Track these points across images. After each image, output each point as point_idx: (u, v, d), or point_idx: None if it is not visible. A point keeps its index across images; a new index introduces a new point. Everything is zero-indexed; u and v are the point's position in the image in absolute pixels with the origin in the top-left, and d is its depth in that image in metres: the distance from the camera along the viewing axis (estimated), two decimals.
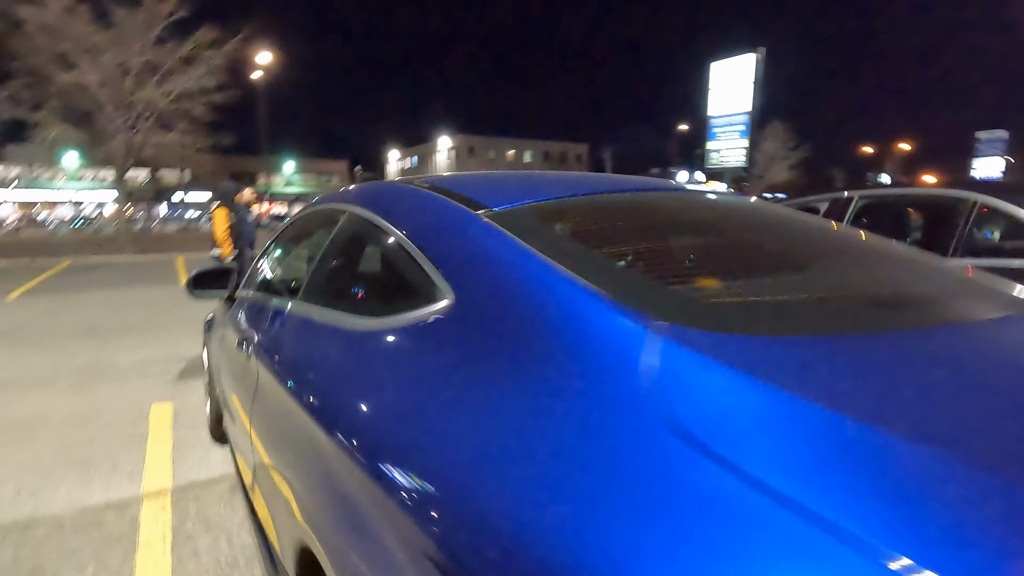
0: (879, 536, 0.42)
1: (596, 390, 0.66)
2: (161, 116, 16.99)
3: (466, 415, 0.76)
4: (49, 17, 14.60)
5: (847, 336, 0.81)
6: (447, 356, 0.89)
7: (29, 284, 10.02)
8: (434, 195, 1.27)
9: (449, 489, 0.68)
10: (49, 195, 53.87)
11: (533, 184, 1.51)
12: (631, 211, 1.37)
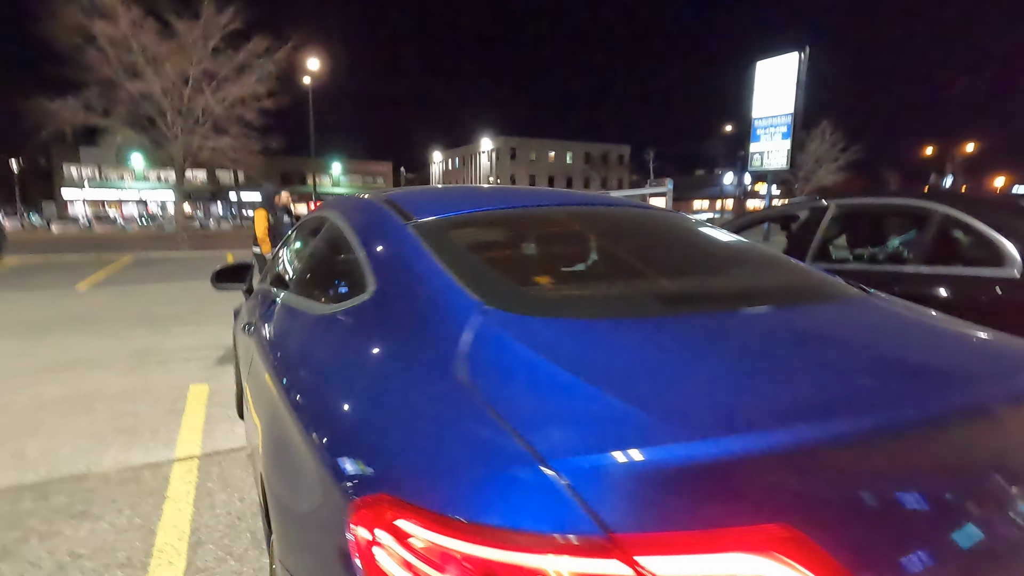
0: (545, 442, 0.68)
1: (437, 349, 0.94)
2: (216, 121, 18.11)
3: (363, 368, 1.05)
4: (119, 31, 15.85)
5: (630, 319, 1.06)
6: (364, 331, 1.18)
7: (97, 276, 10.96)
8: (382, 207, 1.57)
9: (336, 405, 0.98)
10: (118, 194, 57.51)
11: (464, 199, 1.79)
12: (518, 222, 1.67)
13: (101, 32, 15.91)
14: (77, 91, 16.43)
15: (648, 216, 1.90)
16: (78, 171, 55.12)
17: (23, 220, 42.66)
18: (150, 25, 16.24)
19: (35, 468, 2.83)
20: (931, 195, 2.89)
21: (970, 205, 2.68)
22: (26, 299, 8.19)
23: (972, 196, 3.00)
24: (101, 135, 17.73)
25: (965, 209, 2.66)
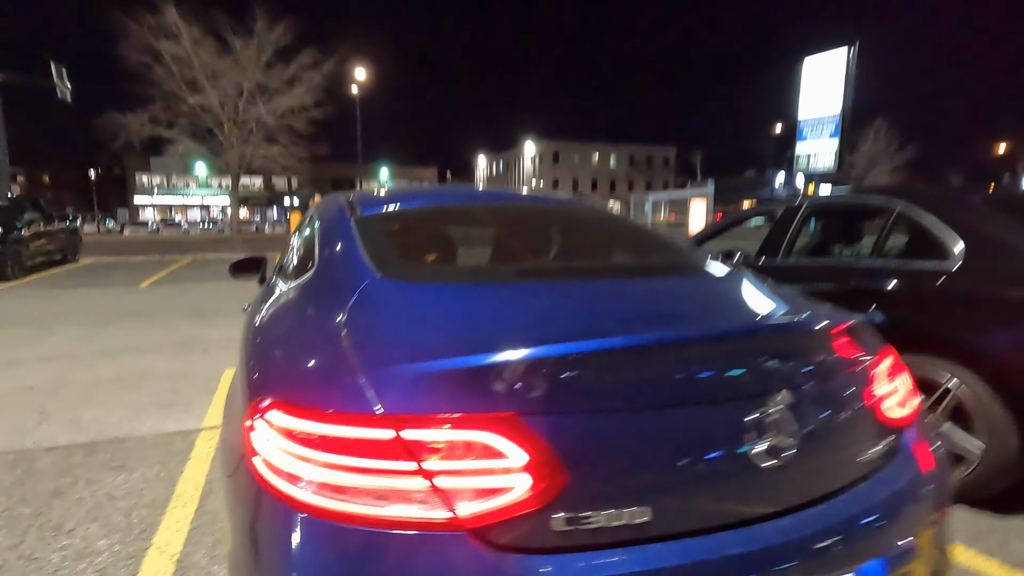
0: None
1: (334, 304, 1.25)
2: (268, 131, 19.27)
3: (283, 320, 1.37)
4: (182, 49, 17.16)
5: (477, 284, 1.35)
6: (298, 297, 1.49)
7: (158, 275, 11.94)
8: (343, 205, 1.90)
9: (258, 346, 1.30)
10: (183, 200, 61.15)
11: (406, 198, 2.10)
12: (438, 215, 2.03)
13: (166, 50, 17.27)
14: (145, 105, 17.87)
15: (562, 210, 2.21)
16: (148, 179, 59.09)
17: (99, 225, 46.07)
18: (209, 43, 17.50)
19: (87, 431, 3.32)
20: (889, 190, 2.99)
21: (924, 200, 2.77)
22: (96, 295, 9.08)
23: (929, 190, 3.04)
24: (166, 145, 19.17)
25: (919, 204, 2.76)
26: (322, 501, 0.85)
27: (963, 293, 2.42)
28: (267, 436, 0.95)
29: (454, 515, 0.83)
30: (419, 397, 0.88)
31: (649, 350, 0.95)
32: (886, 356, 1.28)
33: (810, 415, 1.03)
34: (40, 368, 4.67)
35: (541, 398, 0.88)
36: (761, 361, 1.05)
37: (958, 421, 2.37)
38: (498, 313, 1.15)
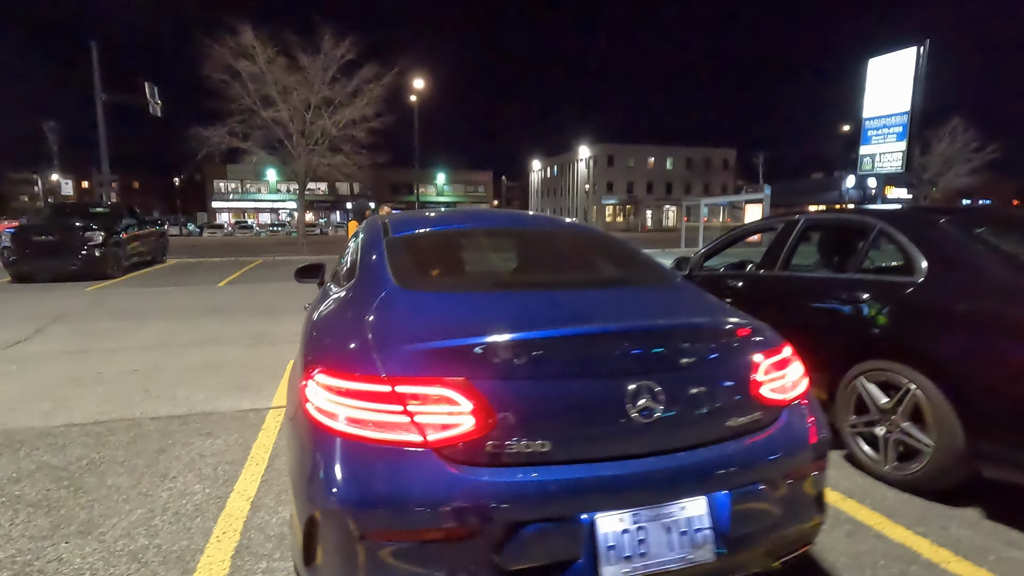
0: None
1: (364, 304, 1.77)
2: (332, 141, 20.58)
3: (332, 315, 1.90)
4: (257, 67, 18.66)
5: (469, 293, 1.83)
6: (344, 298, 2.02)
7: (233, 275, 13.16)
8: (379, 227, 2.44)
9: (311, 331, 1.84)
10: (255, 205, 65.06)
11: (427, 221, 2.62)
12: (451, 237, 2.53)
13: (243, 69, 18.84)
14: (224, 120, 19.54)
15: (554, 231, 2.69)
16: (224, 185, 63.38)
17: (181, 228, 49.91)
18: (281, 61, 18.93)
19: (181, 406, 4.05)
20: (870, 211, 3.26)
21: (897, 220, 3.02)
22: (181, 292, 10.24)
23: (903, 211, 3.27)
24: (241, 155, 20.83)
25: (893, 224, 3.02)
26: (346, 429, 1.36)
27: (921, 306, 2.69)
28: (315, 391, 1.46)
29: (424, 439, 1.32)
30: (407, 366, 1.38)
31: (560, 339, 1.41)
32: (774, 354, 1.66)
33: (681, 390, 1.46)
34: (140, 354, 5.55)
35: (484, 369, 1.36)
36: (644, 349, 1.48)
37: (916, 421, 2.64)
38: (466, 313, 1.64)
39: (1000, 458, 2.38)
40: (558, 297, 1.86)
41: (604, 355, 1.44)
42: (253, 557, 2.19)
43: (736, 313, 1.82)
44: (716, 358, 1.58)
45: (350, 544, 1.28)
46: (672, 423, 1.43)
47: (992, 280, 2.53)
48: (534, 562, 1.30)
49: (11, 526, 2.41)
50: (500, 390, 1.35)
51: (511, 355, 1.38)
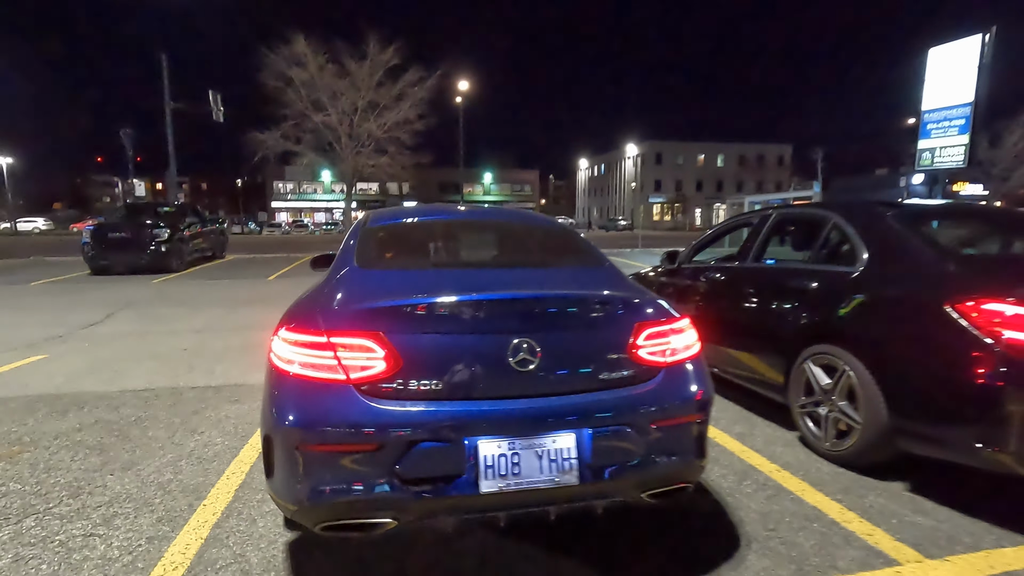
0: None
1: (334, 277, 2.20)
2: (377, 143, 21.52)
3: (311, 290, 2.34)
4: (309, 74, 19.78)
5: (413, 270, 2.23)
6: (323, 276, 2.46)
7: (283, 270, 14.11)
8: (365, 218, 2.87)
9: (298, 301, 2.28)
10: (310, 205, 67.90)
11: (399, 214, 3.03)
12: (413, 226, 2.94)
13: (296, 76, 20.00)
14: (278, 124, 20.80)
15: (516, 223, 3.05)
16: (283, 186, 66.54)
17: (243, 227, 52.85)
18: (330, 68, 19.96)
19: (218, 379, 4.64)
20: (827, 205, 3.44)
21: (848, 213, 3.19)
22: (234, 285, 11.16)
23: (855, 204, 3.41)
24: (294, 158, 22.08)
25: (844, 216, 3.19)
26: (294, 369, 1.78)
27: (857, 294, 2.88)
28: (278, 343, 1.89)
29: (348, 378, 1.72)
30: (338, 323, 1.78)
31: (457, 303, 1.78)
32: (656, 324, 1.96)
33: (557, 347, 1.79)
34: (190, 336, 6.26)
35: (394, 325, 1.75)
36: (528, 313, 1.83)
37: (851, 400, 2.83)
38: (393, 284, 2.05)
39: (916, 433, 2.56)
40: (479, 273, 2.23)
41: (493, 317, 1.80)
42: (252, 491, 2.66)
43: (633, 291, 2.13)
44: (595, 324, 1.90)
45: (292, 455, 1.70)
46: (547, 373, 1.77)
47: (916, 270, 2.70)
48: (427, 474, 1.68)
49: (72, 461, 2.99)
50: (406, 342, 1.73)
51: (416, 315, 1.77)
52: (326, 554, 2.16)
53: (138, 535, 2.28)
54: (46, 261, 16.17)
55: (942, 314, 2.42)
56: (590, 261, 2.54)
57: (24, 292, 9.93)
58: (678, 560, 2.12)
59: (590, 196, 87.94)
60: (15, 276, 12.39)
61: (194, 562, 2.10)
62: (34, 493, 2.64)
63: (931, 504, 2.52)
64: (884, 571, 2.04)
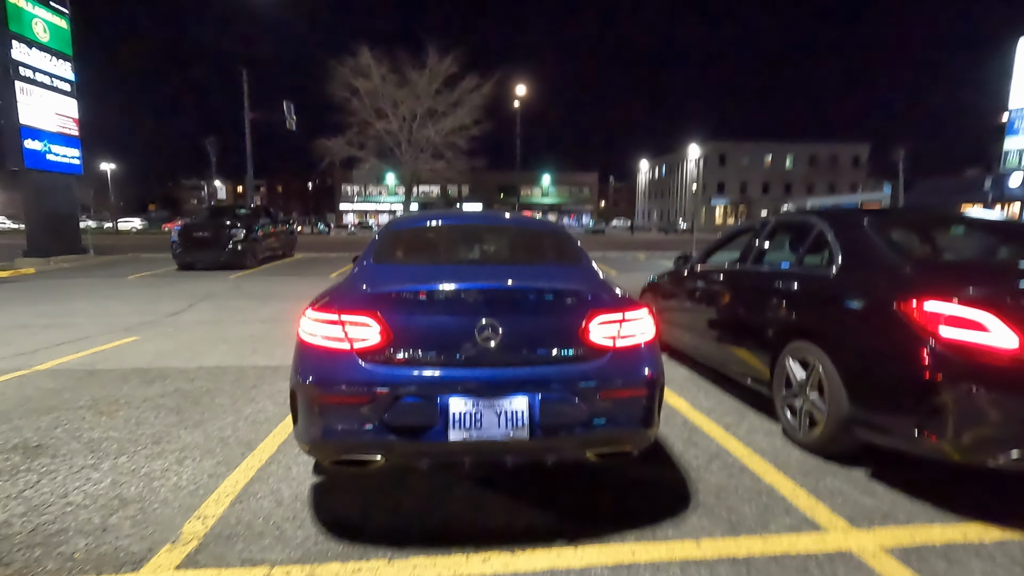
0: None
1: (358, 271, 2.72)
2: (435, 148, 22.48)
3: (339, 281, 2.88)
4: (372, 84, 20.97)
5: (421, 266, 2.75)
6: (356, 265, 2.99)
7: (344, 268, 15.13)
8: (390, 220, 3.40)
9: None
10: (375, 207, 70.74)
11: (416, 218, 3.52)
12: (426, 229, 3.41)
13: (361, 86, 21.24)
14: (344, 131, 22.18)
15: (514, 226, 3.48)
16: (350, 189, 69.76)
17: (312, 228, 55.92)
18: (392, 77, 21.07)
19: (276, 361, 5.33)
20: (814, 212, 3.65)
21: (830, 220, 3.40)
22: (299, 281, 12.17)
23: (837, 212, 3.57)
24: (358, 163, 23.41)
25: (828, 223, 3.39)
26: (314, 340, 2.29)
27: (829, 295, 3.11)
28: (305, 321, 2.40)
29: (351, 347, 2.21)
30: (347, 305, 2.28)
31: (437, 291, 2.24)
32: (609, 313, 2.33)
33: (517, 328, 2.21)
34: (257, 325, 7.08)
35: (388, 307, 2.23)
36: (494, 300, 2.26)
37: (821, 393, 3.06)
38: (392, 276, 2.52)
39: (869, 423, 2.77)
40: (462, 269, 2.68)
41: (465, 302, 2.24)
42: (291, 447, 3.23)
43: (592, 285, 2.51)
44: (550, 310, 2.31)
45: (310, 405, 2.21)
46: (507, 348, 2.19)
47: (875, 274, 2.91)
48: (407, 423, 2.14)
49: (155, 418, 3.69)
50: (396, 321, 2.21)
51: (404, 300, 2.24)
52: (341, 493, 2.67)
53: (201, 472, 2.89)
54: (141, 258, 18.06)
55: (891, 313, 2.63)
56: (568, 260, 2.94)
57: (123, 284, 11.31)
58: (628, 514, 2.47)
59: (650, 198, 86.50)
60: (116, 270, 14.02)
61: (241, 492, 2.67)
62: (127, 439, 3.32)
63: (883, 488, 2.73)
64: (809, 535, 2.31)
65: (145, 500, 2.60)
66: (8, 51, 13.39)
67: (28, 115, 14.03)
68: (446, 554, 2.18)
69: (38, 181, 14.55)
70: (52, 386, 4.39)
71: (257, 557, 2.16)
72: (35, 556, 2.15)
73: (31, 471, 2.88)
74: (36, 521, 2.40)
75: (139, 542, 2.26)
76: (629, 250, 24.47)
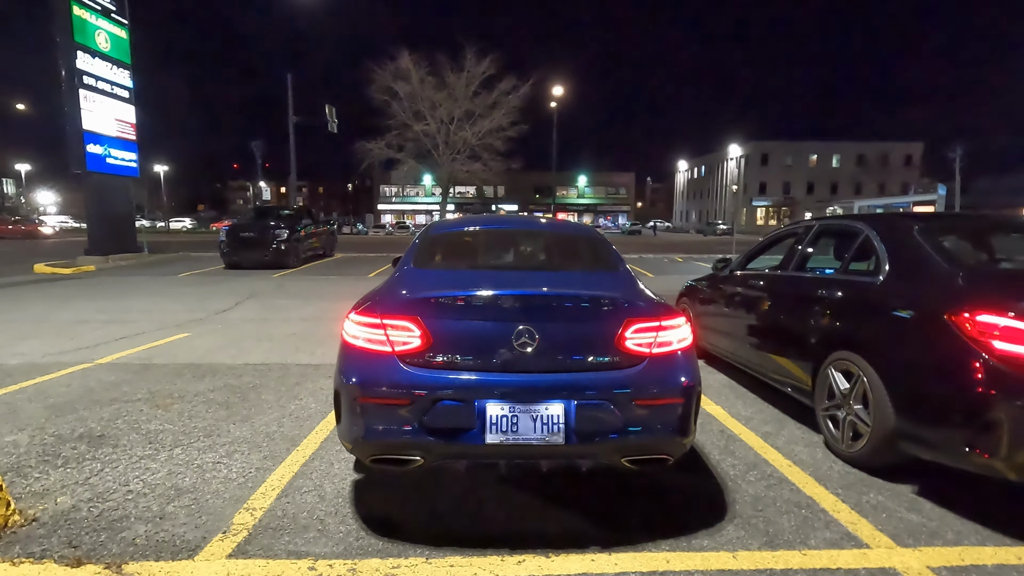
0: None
1: (398, 275, 2.81)
2: (472, 149, 22.70)
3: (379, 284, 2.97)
4: (411, 87, 21.34)
5: (461, 271, 2.82)
6: (396, 270, 3.09)
7: (382, 268, 15.42)
8: (428, 225, 3.48)
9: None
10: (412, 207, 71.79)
11: (454, 223, 3.58)
12: (462, 233, 3.50)
13: (400, 89, 21.65)
14: (383, 134, 22.64)
15: (549, 231, 3.51)
16: (388, 190, 71.01)
17: (352, 228, 57.19)
18: (430, 80, 21.39)
19: (317, 359, 5.51)
20: (860, 217, 3.54)
21: (877, 225, 3.29)
22: (339, 280, 12.50)
23: (885, 217, 3.42)
24: (396, 164, 23.85)
25: (875, 229, 3.28)
26: (357, 343, 2.37)
27: (876, 303, 3.01)
28: (348, 324, 2.49)
29: (392, 350, 2.28)
30: (389, 310, 2.36)
31: (476, 296, 2.29)
32: (645, 321, 2.34)
33: (554, 335, 2.24)
34: (300, 323, 7.32)
35: (428, 312, 2.29)
36: (531, 307, 2.29)
37: (865, 404, 2.98)
38: (432, 280, 2.59)
39: (916, 437, 2.68)
40: (500, 274, 2.73)
41: (502, 308, 2.28)
42: (334, 444, 3.34)
43: (629, 293, 2.51)
44: (586, 317, 2.33)
45: (352, 405, 2.30)
46: (543, 354, 2.23)
47: (926, 282, 2.81)
48: (446, 425, 2.20)
49: (206, 412, 3.87)
50: (437, 325, 2.27)
51: (445, 305, 2.30)
52: (380, 490, 2.76)
53: (250, 466, 3.03)
54: (191, 256, 18.86)
55: (941, 324, 2.54)
56: (605, 265, 2.96)
57: (174, 282, 11.85)
58: (662, 522, 2.47)
59: (689, 199, 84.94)
60: (168, 268, 14.70)
61: (287, 486, 2.79)
62: (181, 432, 3.51)
63: (930, 505, 2.64)
64: (851, 551, 2.26)
65: (198, 490, 2.74)
66: (74, 61, 14.21)
67: (90, 121, 14.84)
68: (481, 555, 2.23)
69: (98, 183, 15.37)
70: (112, 379, 4.66)
71: (302, 550, 2.26)
72: (100, 540, 2.30)
73: (96, 459, 3.08)
74: (101, 507, 2.57)
75: (193, 530, 2.39)
76: (664, 252, 24.10)
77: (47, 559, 2.17)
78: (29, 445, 3.26)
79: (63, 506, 2.57)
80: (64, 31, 14.08)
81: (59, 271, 13.53)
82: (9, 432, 3.46)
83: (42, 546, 2.25)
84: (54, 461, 3.05)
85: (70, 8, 14.03)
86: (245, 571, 2.11)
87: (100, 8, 15.10)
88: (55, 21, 14.11)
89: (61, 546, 2.25)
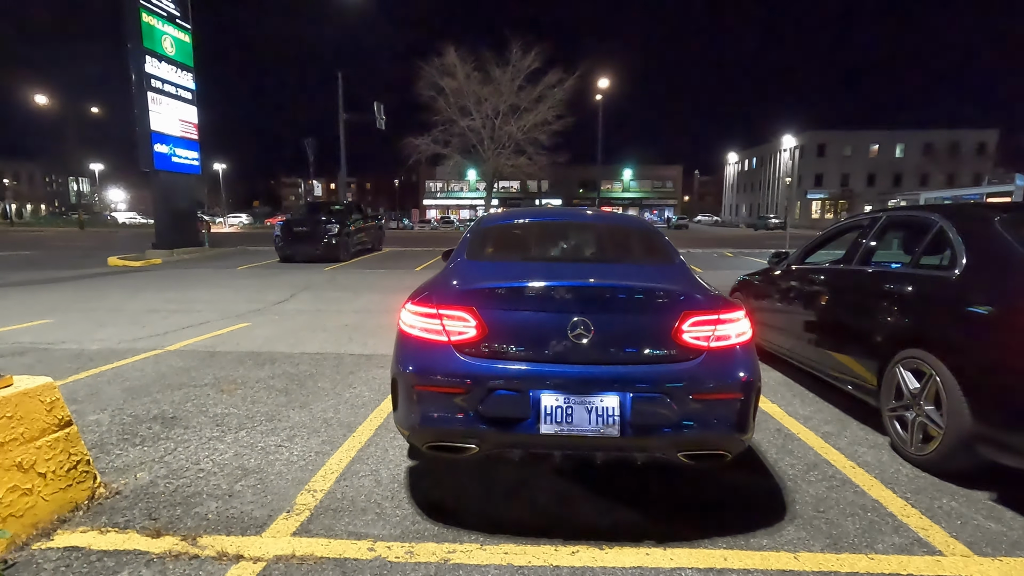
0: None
1: (452, 266, 2.86)
2: (517, 144, 22.70)
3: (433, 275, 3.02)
4: (457, 83, 21.51)
5: (514, 262, 2.84)
6: (450, 261, 3.13)
7: (428, 263, 15.70)
8: (479, 218, 3.51)
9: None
10: (457, 202, 72.51)
11: (506, 215, 3.59)
12: (514, 225, 3.48)
13: (446, 85, 21.86)
14: (429, 130, 22.95)
15: (600, 223, 3.47)
16: (434, 185, 71.94)
17: (398, 223, 58.31)
18: (476, 75, 21.50)
19: (369, 349, 5.67)
20: (933, 208, 3.31)
21: (953, 217, 3.07)
22: (387, 274, 12.79)
23: (962, 208, 3.17)
24: (442, 159, 24.14)
25: (950, 220, 3.08)
26: (414, 332, 2.42)
27: (951, 299, 2.84)
28: (405, 314, 2.55)
29: (449, 340, 2.32)
30: (445, 300, 2.39)
31: (531, 287, 2.29)
32: (703, 314, 2.29)
33: (609, 326, 2.22)
34: (352, 315, 7.54)
35: (484, 302, 2.31)
36: (586, 298, 2.28)
37: (937, 406, 2.82)
38: (487, 272, 2.60)
39: (997, 442, 2.52)
40: (554, 266, 2.73)
41: (557, 300, 2.28)
42: (388, 431, 3.43)
43: (686, 285, 2.46)
44: (642, 309, 2.30)
45: (409, 393, 2.35)
46: (598, 346, 2.21)
47: (1008, 278, 2.62)
48: (501, 414, 2.22)
49: (267, 398, 4.05)
50: (492, 316, 2.29)
51: (500, 296, 2.32)
52: (434, 477, 2.82)
53: (309, 450, 3.15)
54: (248, 250, 19.70)
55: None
56: (660, 258, 2.91)
57: (233, 275, 12.41)
58: (718, 519, 2.42)
59: (739, 192, 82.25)
60: (227, 262, 15.40)
61: (344, 470, 2.88)
62: (245, 416, 3.68)
63: (1011, 514, 2.48)
64: (922, 558, 2.15)
65: (263, 471, 2.88)
66: (143, 65, 15.05)
67: (157, 122, 15.70)
68: (535, 544, 2.24)
69: (164, 181, 16.25)
70: (181, 365, 4.93)
71: (361, 531, 2.34)
72: (176, 514, 2.45)
73: (169, 439, 3.28)
74: (176, 483, 2.74)
75: (260, 508, 2.51)
76: (713, 247, 23.47)
77: (130, 529, 2.33)
78: (110, 424, 3.50)
79: (142, 481, 2.75)
80: (134, 37, 14.92)
81: (130, 264, 14.41)
82: (92, 412, 3.72)
83: (125, 517, 2.42)
84: (132, 439, 3.27)
85: (139, 15, 14.85)
86: (309, 549, 2.21)
87: (166, 14, 15.92)
88: (126, 27, 14.97)
89: (142, 518, 2.41)
